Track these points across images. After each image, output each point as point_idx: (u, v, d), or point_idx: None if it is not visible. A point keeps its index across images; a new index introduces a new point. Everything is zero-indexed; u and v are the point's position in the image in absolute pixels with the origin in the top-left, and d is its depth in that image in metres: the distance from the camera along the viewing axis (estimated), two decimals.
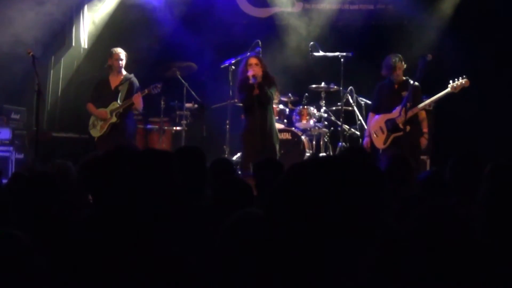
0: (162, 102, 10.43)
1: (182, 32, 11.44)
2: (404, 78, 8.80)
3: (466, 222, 2.60)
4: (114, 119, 9.32)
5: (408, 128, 8.39)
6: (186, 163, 3.92)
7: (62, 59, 11.61)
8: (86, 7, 11.59)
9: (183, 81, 10.19)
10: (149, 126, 10.68)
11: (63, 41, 11.53)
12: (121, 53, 9.51)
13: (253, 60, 8.59)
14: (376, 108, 9.02)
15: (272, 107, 8.88)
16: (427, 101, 8.60)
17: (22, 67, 9.97)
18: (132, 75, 9.55)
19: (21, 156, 9.98)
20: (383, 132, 8.80)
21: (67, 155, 8.12)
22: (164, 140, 10.52)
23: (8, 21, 10.32)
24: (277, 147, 8.67)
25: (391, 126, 8.70)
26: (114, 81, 9.51)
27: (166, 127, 10.60)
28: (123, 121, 9.38)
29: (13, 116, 10.18)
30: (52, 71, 11.47)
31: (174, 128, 10.59)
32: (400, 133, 8.47)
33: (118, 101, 9.36)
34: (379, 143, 8.87)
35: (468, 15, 10.76)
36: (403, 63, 8.79)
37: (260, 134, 8.45)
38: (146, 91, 9.30)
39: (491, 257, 2.59)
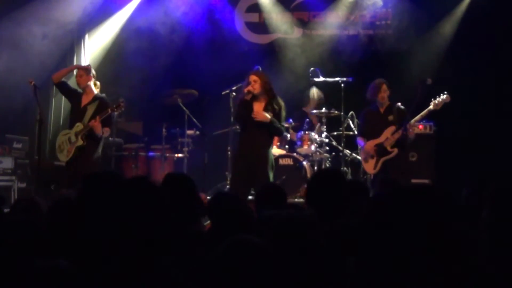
0: (164, 130, 10.48)
1: (183, 59, 11.51)
2: (389, 102, 8.87)
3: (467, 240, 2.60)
4: (80, 142, 8.50)
5: (395, 150, 8.48)
6: (176, 191, 3.93)
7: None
8: (87, 35, 11.67)
9: (184, 108, 10.22)
10: (151, 154, 10.71)
11: None
12: (82, 70, 8.84)
13: (252, 77, 8.28)
14: (362, 133, 9.10)
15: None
16: (411, 121, 8.60)
17: (24, 97, 10.02)
18: (103, 95, 8.88)
19: (23, 185, 9.97)
20: (372, 157, 8.85)
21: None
22: (166, 167, 10.52)
23: (10, 50, 10.38)
24: (271, 175, 8.19)
25: (380, 150, 8.75)
26: (84, 99, 8.76)
27: (167, 154, 10.61)
28: (89, 144, 8.57)
29: (15, 145, 10.18)
30: (53, 100, 11.51)
31: (176, 155, 10.61)
32: (388, 156, 8.56)
33: (84, 121, 8.58)
34: (370, 168, 8.93)
35: (468, 38, 10.80)
36: (388, 87, 8.84)
37: (250, 158, 8.13)
38: (109, 110, 8.54)
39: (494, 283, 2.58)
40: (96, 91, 8.81)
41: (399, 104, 8.88)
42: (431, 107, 8.58)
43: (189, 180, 4.17)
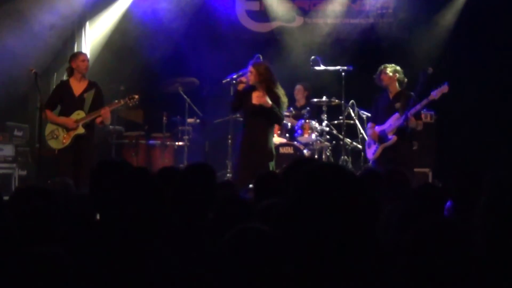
0: (164, 118, 10.49)
1: (183, 47, 11.49)
2: (399, 89, 8.78)
3: (467, 237, 2.61)
4: (81, 130, 8.36)
5: (394, 138, 8.47)
6: (196, 180, 3.94)
7: (64, 76, 11.66)
8: (87, 24, 11.65)
9: (185, 96, 10.23)
10: (151, 142, 10.71)
11: (65, 58, 11.58)
12: (86, 55, 8.82)
13: (249, 68, 8.36)
14: (372, 119, 9.08)
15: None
16: (412, 111, 8.55)
17: (24, 85, 10.02)
18: (95, 82, 8.76)
19: (24, 172, 9.99)
20: (374, 143, 8.85)
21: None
22: (166, 155, 10.54)
23: (10, 39, 10.37)
24: (272, 164, 8.27)
25: (381, 136, 8.73)
26: (77, 87, 8.53)
27: (168, 143, 10.62)
28: (89, 132, 8.49)
29: (16, 133, 10.19)
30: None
31: (177, 143, 10.61)
32: (387, 143, 8.56)
33: (84, 109, 8.46)
34: (370, 154, 8.92)
35: (469, 27, 10.79)
36: (397, 73, 8.74)
37: (251, 149, 8.20)
38: (121, 101, 8.66)
39: (490, 274, 2.59)
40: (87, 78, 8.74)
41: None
42: (430, 97, 8.50)
43: (211, 171, 4.18)
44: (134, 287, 2.67)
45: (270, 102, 8.15)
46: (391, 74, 8.67)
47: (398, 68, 8.76)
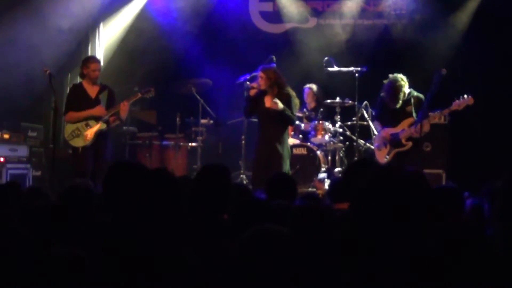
0: (178, 119, 10.51)
1: (197, 48, 11.51)
2: (407, 91, 8.80)
3: (488, 238, 2.61)
4: (103, 126, 8.59)
5: (409, 144, 8.49)
6: (211, 180, 3.95)
7: (78, 77, 11.70)
8: (101, 25, 11.69)
9: (198, 97, 10.24)
10: (165, 142, 10.72)
11: (79, 58, 11.62)
12: (98, 64, 8.91)
13: (259, 74, 8.58)
14: (379, 118, 9.07)
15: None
16: (430, 117, 8.54)
17: (39, 85, 10.05)
18: (106, 84, 8.97)
19: (38, 173, 10.03)
20: (386, 146, 8.83)
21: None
22: (179, 156, 10.55)
23: (25, 39, 10.42)
24: (286, 165, 8.48)
25: (394, 140, 8.72)
26: (91, 90, 8.75)
27: (181, 143, 10.63)
28: (107, 129, 8.75)
29: (30, 133, 10.23)
30: (68, 89, 11.55)
31: (190, 144, 10.62)
32: (402, 149, 8.60)
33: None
34: (381, 156, 8.90)
35: (482, 29, 10.75)
36: (404, 81, 8.74)
37: (266, 151, 8.39)
38: (139, 95, 8.83)
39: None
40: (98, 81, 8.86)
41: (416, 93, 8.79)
42: (452, 107, 8.49)
43: (226, 172, 4.20)
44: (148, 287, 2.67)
45: (281, 105, 8.31)
46: (397, 88, 8.69)
47: (403, 77, 8.74)
